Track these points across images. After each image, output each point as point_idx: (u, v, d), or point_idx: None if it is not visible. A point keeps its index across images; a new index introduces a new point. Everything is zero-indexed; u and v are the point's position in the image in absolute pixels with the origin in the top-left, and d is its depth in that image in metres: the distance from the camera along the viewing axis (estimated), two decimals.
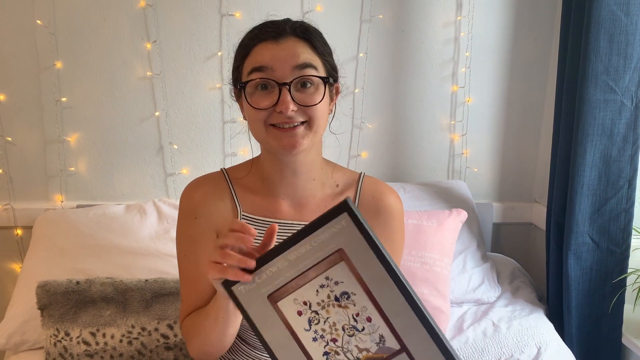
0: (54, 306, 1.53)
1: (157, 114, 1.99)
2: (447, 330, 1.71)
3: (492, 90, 2.13)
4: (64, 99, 1.94)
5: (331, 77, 1.03)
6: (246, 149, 2.02)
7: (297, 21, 1.03)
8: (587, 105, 1.65)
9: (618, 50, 1.61)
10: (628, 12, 1.58)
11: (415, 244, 1.75)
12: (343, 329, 0.76)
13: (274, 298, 0.77)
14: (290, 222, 1.10)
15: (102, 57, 1.93)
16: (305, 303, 0.77)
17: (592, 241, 1.74)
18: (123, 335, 1.54)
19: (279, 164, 1.07)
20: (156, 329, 1.55)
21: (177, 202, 1.96)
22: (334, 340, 0.77)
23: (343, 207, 0.72)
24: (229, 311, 0.91)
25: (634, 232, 1.71)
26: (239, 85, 1.01)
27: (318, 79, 0.99)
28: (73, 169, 2.01)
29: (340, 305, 0.76)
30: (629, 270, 1.71)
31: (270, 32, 0.99)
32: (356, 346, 0.76)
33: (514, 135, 2.18)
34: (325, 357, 0.77)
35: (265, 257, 0.77)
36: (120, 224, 1.84)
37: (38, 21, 1.87)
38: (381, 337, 0.75)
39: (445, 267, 1.76)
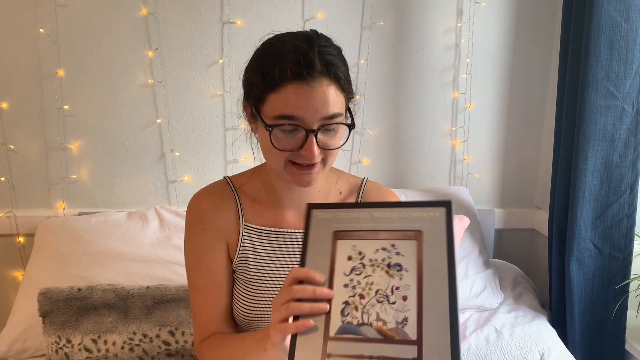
0: (56, 313, 1.53)
1: (158, 121, 2.00)
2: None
3: (493, 96, 2.13)
4: (66, 107, 1.95)
5: (348, 106, 1.01)
6: (248, 155, 2.02)
7: (322, 47, 0.97)
8: (588, 111, 1.65)
9: (619, 56, 1.61)
10: (628, 18, 1.58)
11: None
12: (376, 292, 0.76)
13: (338, 235, 0.80)
14: (294, 231, 1.10)
15: (104, 65, 1.94)
16: (360, 253, 0.78)
17: (595, 247, 1.74)
18: (124, 342, 1.53)
19: (287, 183, 1.08)
20: (157, 336, 1.55)
21: (179, 209, 1.97)
22: (361, 297, 0.76)
23: (445, 204, 0.77)
24: None
25: (636, 238, 1.71)
26: (266, 127, 0.96)
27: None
28: (75, 176, 2.01)
29: (388, 272, 0.76)
30: (632, 276, 1.70)
31: (301, 72, 0.92)
32: (377, 313, 0.75)
33: (515, 141, 2.18)
34: (343, 305, 0.76)
35: (356, 203, 0.80)
36: (122, 231, 1.85)
37: (40, 29, 1.89)
38: (405, 319, 0.74)
39: None
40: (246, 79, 1.01)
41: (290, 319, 0.78)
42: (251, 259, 1.09)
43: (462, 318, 1.82)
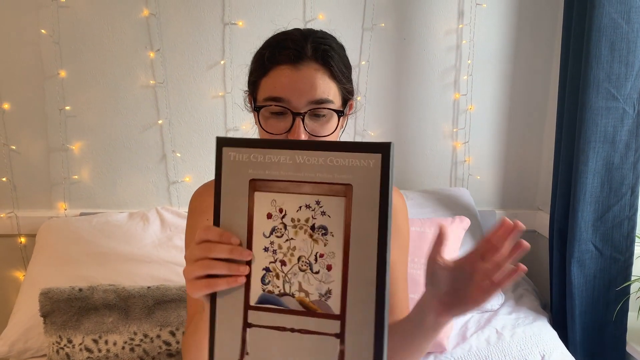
0: (57, 313, 1.53)
1: (160, 122, 2.00)
2: (450, 338, 1.71)
3: (494, 98, 2.13)
4: (67, 108, 1.95)
5: (347, 100, 1.02)
6: None
7: (319, 37, 0.99)
8: (589, 113, 1.65)
9: (620, 57, 1.61)
10: (629, 19, 1.59)
11: (418, 251, 1.74)
12: (299, 259, 0.69)
13: (255, 185, 0.70)
14: None
15: (105, 66, 1.95)
16: (280, 211, 0.70)
17: (595, 249, 1.73)
18: (125, 342, 1.54)
19: None
20: (158, 336, 1.55)
21: (180, 210, 1.97)
22: (283, 263, 0.70)
23: (381, 148, 0.65)
24: None
25: (637, 240, 1.71)
26: (254, 107, 1.00)
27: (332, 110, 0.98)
28: (76, 177, 2.01)
29: (311, 236, 0.69)
30: (633, 278, 1.70)
31: (289, 54, 0.94)
32: (299, 283, 0.69)
33: (516, 143, 2.18)
34: (264, 271, 0.70)
35: (275, 142, 0.71)
36: (123, 231, 1.85)
37: (42, 31, 1.89)
38: (328, 292, 0.68)
39: None
40: (248, 71, 1.05)
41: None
42: None
43: (463, 319, 1.82)
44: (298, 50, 0.95)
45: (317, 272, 0.69)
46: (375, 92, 2.07)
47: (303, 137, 0.95)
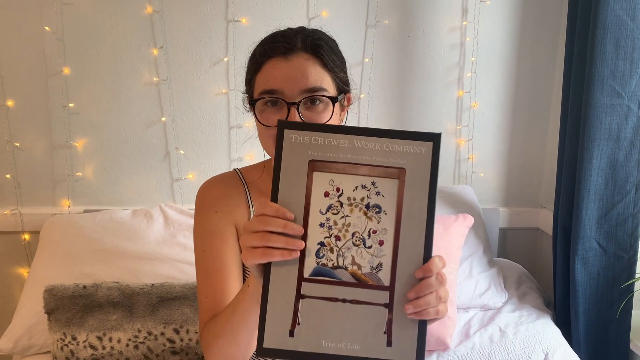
0: (61, 310, 1.53)
1: (163, 119, 2.00)
2: (453, 336, 1.71)
3: (498, 95, 2.13)
4: (71, 105, 1.96)
5: (342, 92, 1.04)
6: (252, 154, 2.03)
7: (309, 31, 1.02)
8: (593, 110, 1.64)
9: (624, 54, 1.60)
10: (634, 16, 1.58)
11: None
12: (353, 235, 0.74)
13: (314, 166, 0.75)
14: None
15: (109, 63, 1.95)
16: (337, 190, 0.75)
17: (599, 246, 1.73)
18: (129, 340, 1.54)
19: None
20: (162, 334, 1.55)
21: (184, 207, 1.97)
22: (337, 238, 0.75)
23: (433, 137, 0.73)
24: None
25: None
26: (250, 102, 1.01)
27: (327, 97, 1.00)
28: (80, 174, 2.02)
29: (366, 214, 0.74)
30: (637, 276, 1.70)
31: (279, 47, 0.98)
32: (352, 257, 0.74)
33: (520, 140, 2.18)
34: (319, 245, 0.75)
35: (336, 127, 0.76)
36: (126, 228, 1.85)
37: (46, 27, 1.89)
38: (379, 265, 0.74)
39: (452, 273, 1.76)
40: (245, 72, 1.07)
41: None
42: None
43: (466, 317, 1.82)
44: (288, 42, 0.98)
45: (369, 247, 0.74)
46: (378, 89, 2.07)
47: None
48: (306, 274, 0.75)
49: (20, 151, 1.98)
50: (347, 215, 0.75)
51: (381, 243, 0.74)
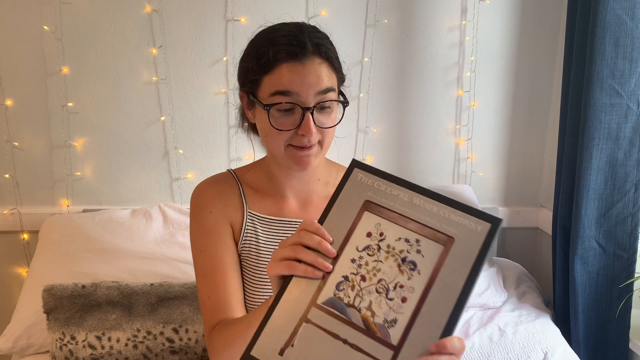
0: (60, 310, 1.53)
1: (162, 118, 2.00)
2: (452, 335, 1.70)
3: (497, 94, 2.13)
4: (70, 104, 1.95)
5: (342, 94, 1.06)
6: (251, 153, 2.01)
7: (313, 32, 1.02)
8: (592, 109, 1.64)
9: (624, 54, 1.60)
10: (634, 16, 1.58)
11: None
12: (379, 281, 0.73)
13: (367, 206, 0.76)
14: (295, 220, 1.13)
15: (108, 63, 1.94)
16: (381, 234, 0.75)
17: (599, 246, 1.73)
18: (128, 339, 1.54)
19: (287, 169, 1.10)
20: (161, 333, 1.55)
21: (183, 207, 1.97)
22: (363, 279, 0.73)
23: (493, 220, 0.71)
24: None
25: None
26: (264, 106, 1.00)
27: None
28: (79, 173, 2.01)
29: (399, 266, 0.73)
30: (636, 275, 1.70)
31: (294, 52, 0.98)
32: (370, 302, 0.72)
33: (519, 139, 2.18)
34: (342, 278, 0.74)
35: (402, 180, 0.77)
36: (125, 228, 1.85)
37: (45, 27, 1.89)
38: (394, 320, 0.70)
39: None
40: (241, 68, 1.06)
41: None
42: (254, 246, 1.10)
43: (465, 316, 1.82)
44: (300, 46, 0.98)
45: (391, 299, 0.72)
46: (378, 88, 2.07)
47: (314, 130, 0.98)
48: (319, 301, 0.73)
49: (19, 151, 1.98)
50: (381, 261, 0.73)
51: (404, 300, 0.71)
